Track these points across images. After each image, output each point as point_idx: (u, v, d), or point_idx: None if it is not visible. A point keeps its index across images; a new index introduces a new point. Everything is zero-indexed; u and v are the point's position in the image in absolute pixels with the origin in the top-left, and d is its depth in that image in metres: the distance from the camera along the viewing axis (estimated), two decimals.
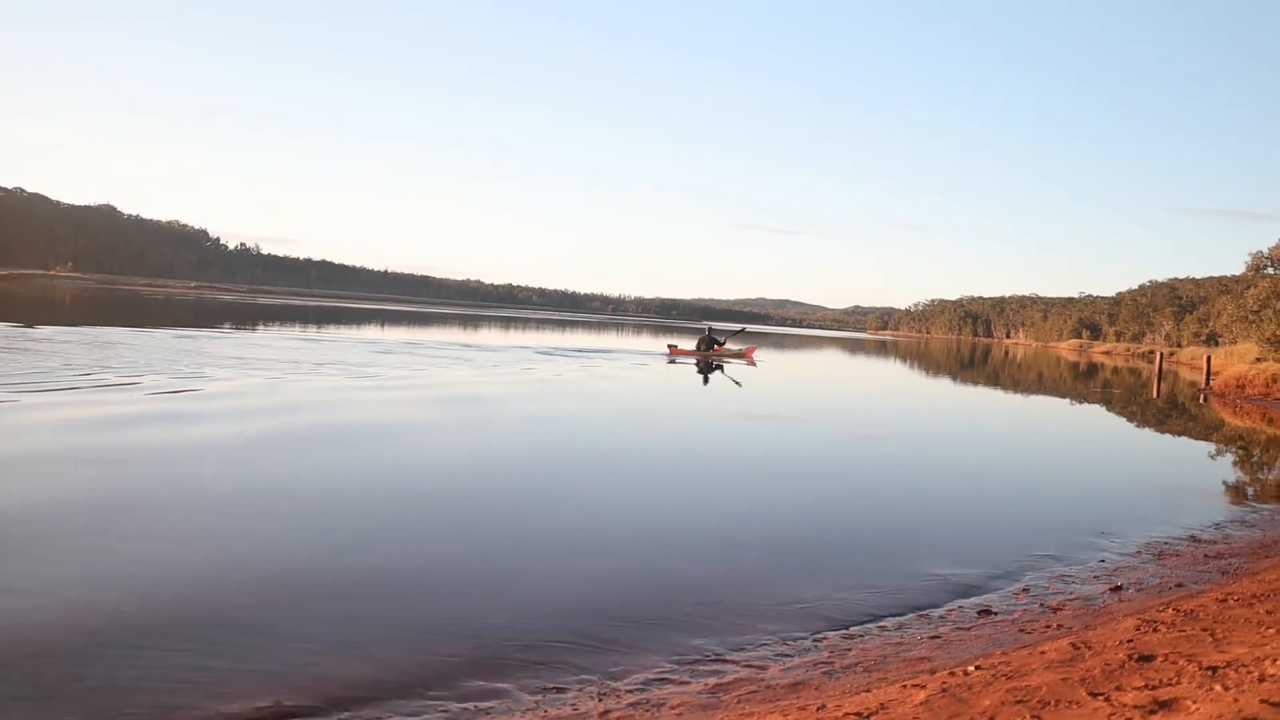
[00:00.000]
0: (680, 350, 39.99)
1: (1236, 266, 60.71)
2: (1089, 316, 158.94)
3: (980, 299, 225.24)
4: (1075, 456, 17.04)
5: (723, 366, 34.45)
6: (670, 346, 41.24)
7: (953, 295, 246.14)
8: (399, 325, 54.87)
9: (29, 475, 8.46)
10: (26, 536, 6.55)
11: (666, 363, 35.08)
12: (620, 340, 57.12)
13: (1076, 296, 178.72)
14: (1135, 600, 6.54)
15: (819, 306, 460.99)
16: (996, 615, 6.24)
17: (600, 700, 4.54)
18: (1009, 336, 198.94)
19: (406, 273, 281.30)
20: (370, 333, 43.26)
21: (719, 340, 40.57)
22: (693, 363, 35.53)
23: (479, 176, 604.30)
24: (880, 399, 28.26)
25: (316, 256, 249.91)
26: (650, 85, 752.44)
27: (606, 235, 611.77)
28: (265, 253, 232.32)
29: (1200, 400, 32.49)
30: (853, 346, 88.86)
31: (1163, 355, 56.71)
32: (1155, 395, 36.34)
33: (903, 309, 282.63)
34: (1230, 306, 57.85)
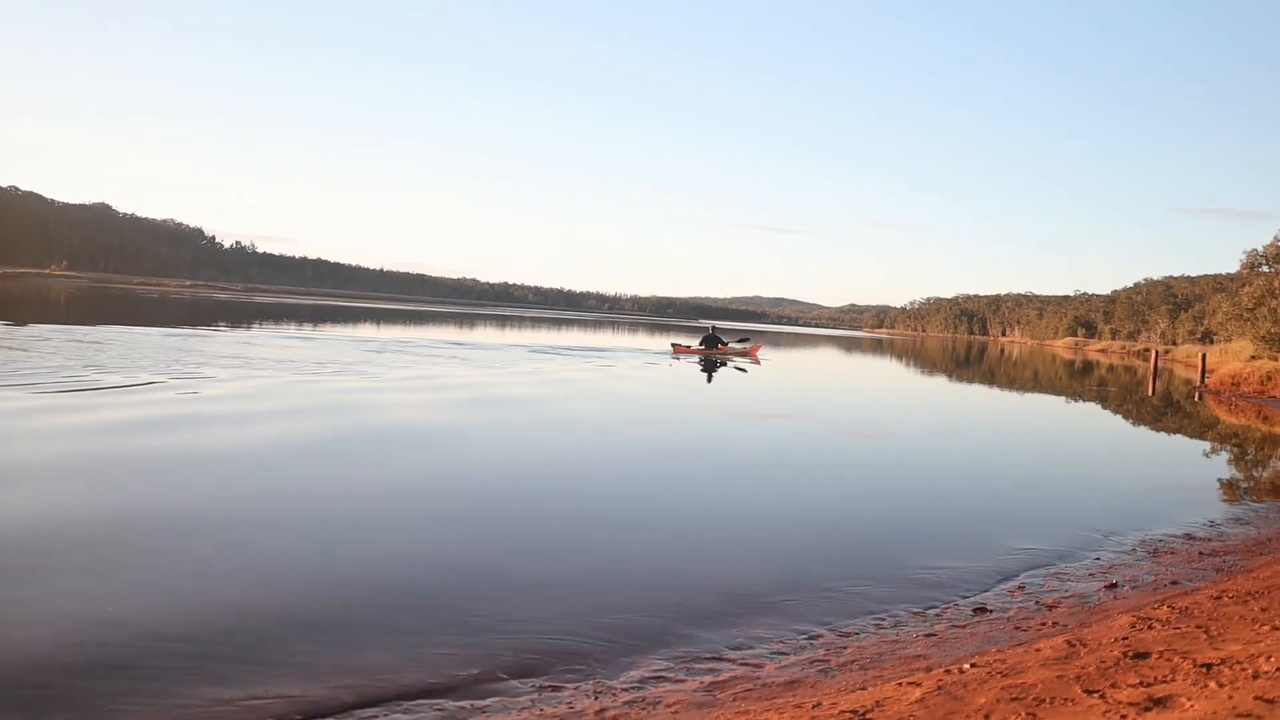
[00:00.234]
0: (684, 349, 40.24)
1: (1231, 264, 60.96)
2: (1084, 314, 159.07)
3: (976, 297, 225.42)
4: (1071, 454, 17.07)
5: (726, 363, 35.11)
6: (674, 345, 41.49)
7: (948, 293, 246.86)
8: (396, 323, 54.80)
9: (32, 488, 8.45)
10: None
11: (670, 360, 35.42)
12: (620, 339, 57.12)
13: (1072, 294, 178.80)
14: (1130, 598, 6.55)
15: (815, 304, 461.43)
16: (992, 613, 6.24)
17: (596, 698, 4.54)
18: (1004, 334, 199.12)
19: (402, 271, 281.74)
20: (367, 331, 43.22)
21: (723, 339, 41.19)
22: (696, 361, 35.68)
23: (475, 175, 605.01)
24: (876, 397, 28.30)
25: (312, 255, 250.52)
26: (648, 84, 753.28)
27: (602, 233, 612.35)
28: (261, 251, 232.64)
29: (1195, 398, 32.56)
30: (849, 345, 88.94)
31: (1158, 353, 56.82)
32: (1150, 393, 36.40)
33: (899, 307, 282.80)
34: (1225, 304, 57.86)
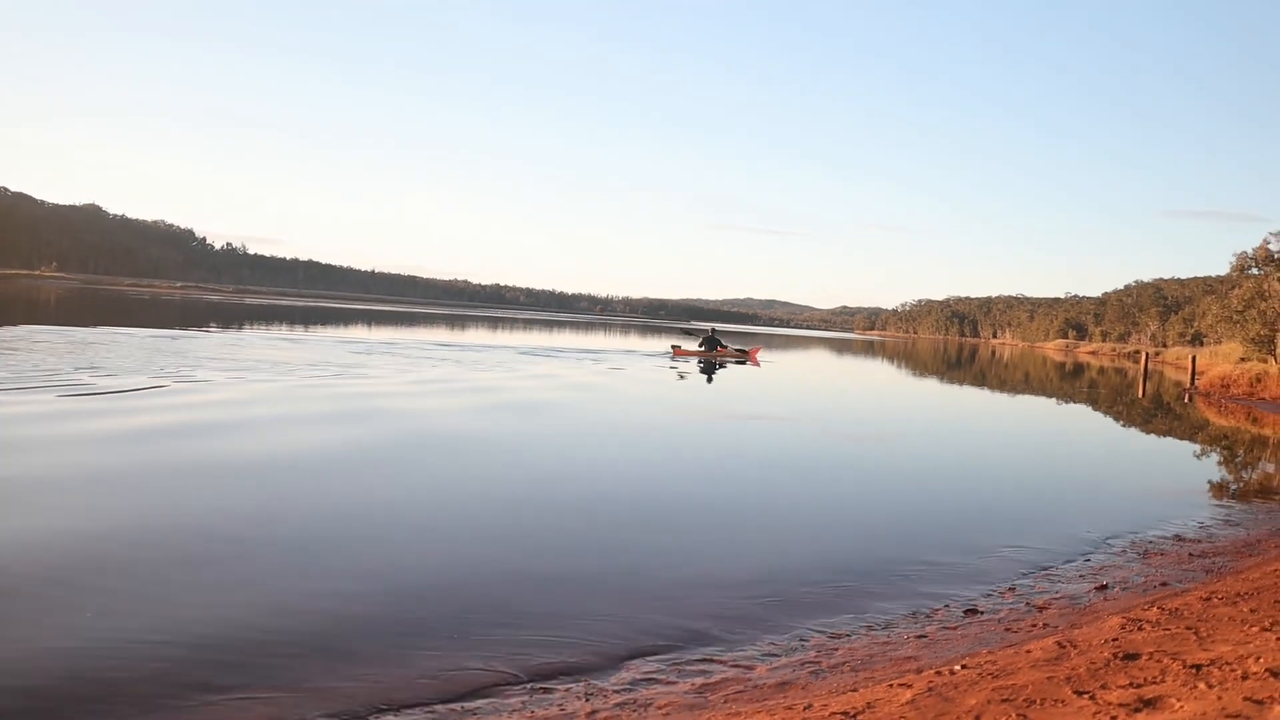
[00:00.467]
0: (684, 350, 40.43)
1: (1221, 267, 61.43)
2: (1075, 317, 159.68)
3: (967, 299, 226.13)
4: (1061, 456, 17.13)
5: (724, 365, 35.35)
6: (674, 347, 41.73)
7: (940, 295, 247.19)
8: (390, 325, 54.69)
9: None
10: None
11: (670, 361, 35.67)
12: (613, 341, 57.09)
13: (1063, 297, 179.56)
14: (1121, 599, 6.57)
15: (806, 306, 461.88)
16: (983, 614, 6.25)
17: (587, 700, 4.53)
18: (995, 336, 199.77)
19: (393, 273, 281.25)
20: (359, 332, 43.09)
21: (722, 342, 41.62)
22: (695, 362, 35.76)
23: (466, 177, 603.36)
24: (869, 400, 28.35)
25: (303, 256, 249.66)
26: (639, 87, 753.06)
27: (594, 235, 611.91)
28: (252, 252, 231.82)
29: (1185, 400, 32.70)
30: (841, 347, 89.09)
31: (1148, 355, 57.05)
32: (1141, 395, 36.56)
33: (890, 309, 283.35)
34: (1215, 307, 58.22)
